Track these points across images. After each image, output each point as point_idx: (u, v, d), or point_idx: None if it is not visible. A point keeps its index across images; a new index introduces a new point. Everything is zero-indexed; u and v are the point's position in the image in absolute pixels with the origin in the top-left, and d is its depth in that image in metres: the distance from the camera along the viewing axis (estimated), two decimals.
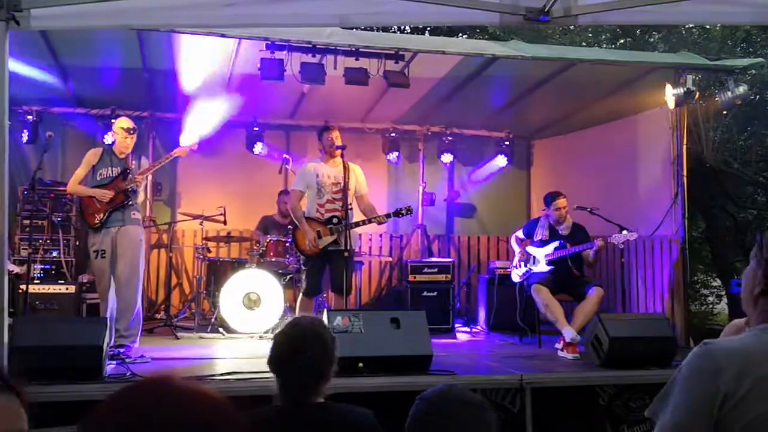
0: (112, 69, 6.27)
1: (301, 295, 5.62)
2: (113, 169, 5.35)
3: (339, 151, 5.49)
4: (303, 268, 5.62)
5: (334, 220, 5.42)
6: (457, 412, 1.63)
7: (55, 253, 6.90)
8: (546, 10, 2.59)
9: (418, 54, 5.75)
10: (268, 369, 2.23)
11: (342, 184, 5.44)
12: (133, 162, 5.41)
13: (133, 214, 5.31)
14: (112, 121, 7.20)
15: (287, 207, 6.73)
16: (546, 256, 5.93)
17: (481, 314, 7.45)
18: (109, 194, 5.21)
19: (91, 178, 5.38)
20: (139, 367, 4.40)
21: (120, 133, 5.38)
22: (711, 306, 13.46)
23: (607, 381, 4.54)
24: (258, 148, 7.73)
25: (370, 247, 8.36)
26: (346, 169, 5.47)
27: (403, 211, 5.58)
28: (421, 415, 1.66)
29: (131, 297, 5.18)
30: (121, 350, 4.91)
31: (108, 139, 6.84)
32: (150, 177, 6.51)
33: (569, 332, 5.37)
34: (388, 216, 5.60)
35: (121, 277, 5.16)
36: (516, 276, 6.19)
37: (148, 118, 7.61)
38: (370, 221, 5.53)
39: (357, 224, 5.49)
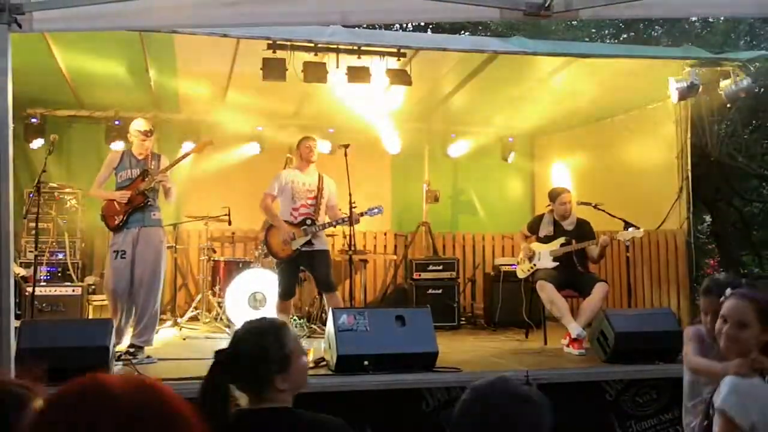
0: (116, 70, 6.27)
1: (277, 298, 5.69)
2: (132, 170, 5.30)
3: (315, 161, 5.73)
4: (276, 270, 5.75)
5: (308, 222, 5.59)
6: (509, 408, 1.55)
7: (60, 256, 6.92)
8: (547, 4, 2.59)
9: (420, 51, 5.76)
10: None
11: (315, 192, 5.68)
12: (153, 163, 5.34)
13: (153, 214, 5.28)
14: (116, 123, 7.30)
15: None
16: (551, 252, 5.92)
17: (487, 311, 7.45)
18: (127, 195, 5.18)
19: (113, 180, 5.36)
20: (145, 368, 4.42)
21: (137, 136, 5.31)
22: None
23: (614, 376, 4.54)
24: (254, 149, 7.81)
25: (375, 245, 8.37)
26: (320, 179, 5.73)
27: (375, 210, 5.75)
28: (470, 406, 1.58)
29: (150, 300, 5.15)
30: (132, 350, 4.92)
31: (115, 147, 6.86)
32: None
33: (575, 328, 5.36)
34: (361, 215, 5.66)
35: (142, 280, 5.12)
36: (521, 272, 6.18)
37: (152, 120, 7.61)
38: (343, 222, 5.65)
39: (330, 224, 5.70)
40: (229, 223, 6.96)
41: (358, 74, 5.68)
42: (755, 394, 2.17)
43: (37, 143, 7.24)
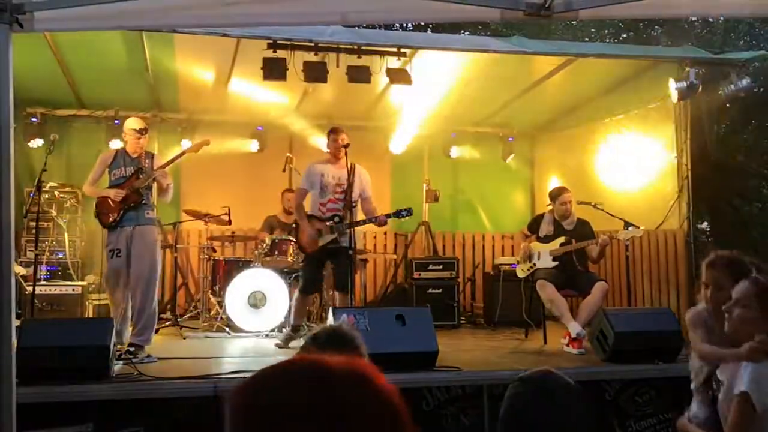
0: (116, 70, 6.28)
1: (297, 292, 5.67)
2: (127, 169, 5.30)
3: (344, 152, 5.52)
4: (302, 264, 5.69)
5: (335, 219, 5.47)
6: (562, 399, 1.58)
7: (61, 255, 6.93)
8: (547, 5, 2.59)
9: (420, 51, 5.76)
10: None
11: (345, 185, 5.50)
12: (147, 161, 5.34)
13: (147, 213, 5.27)
14: (116, 122, 7.30)
15: (291, 204, 6.79)
16: (551, 251, 5.92)
17: (487, 310, 7.45)
18: (122, 193, 5.18)
19: (107, 178, 5.37)
20: (146, 367, 4.42)
21: (131, 134, 5.30)
22: None
23: (613, 376, 4.54)
24: (254, 148, 7.85)
25: (375, 245, 8.37)
26: (351, 170, 5.51)
27: (404, 213, 5.60)
28: (524, 398, 1.60)
29: (148, 297, 5.16)
30: (132, 349, 4.93)
31: (113, 145, 6.86)
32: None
33: (574, 327, 5.36)
34: (388, 216, 5.59)
35: (140, 278, 5.12)
36: (520, 272, 6.19)
37: (152, 119, 7.63)
38: (370, 221, 5.56)
39: (358, 223, 5.53)
40: (229, 223, 6.96)
41: (358, 74, 5.69)
42: None
43: (37, 143, 7.24)
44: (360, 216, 5.62)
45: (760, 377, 2.31)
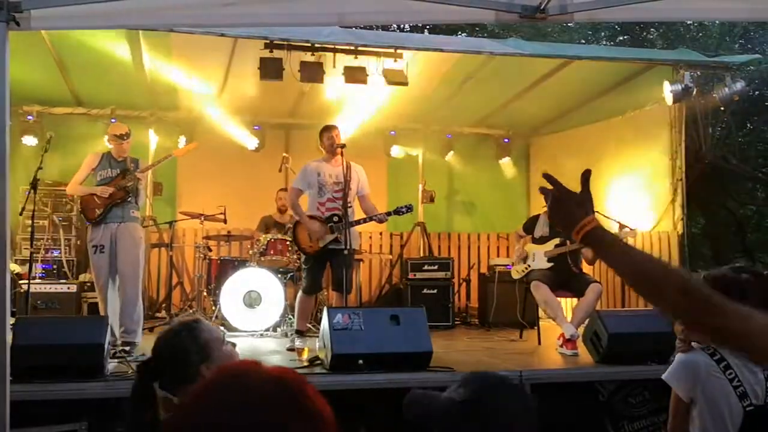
0: (113, 68, 6.28)
1: (300, 292, 5.64)
2: (113, 170, 5.40)
3: (340, 150, 5.47)
4: (303, 266, 5.63)
5: (335, 219, 5.41)
6: (508, 400, 1.59)
7: (56, 253, 6.93)
8: (542, 7, 2.61)
9: (416, 52, 5.78)
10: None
11: (343, 183, 5.44)
12: (132, 164, 5.44)
13: (132, 212, 5.36)
14: (113, 120, 7.30)
15: (285, 203, 6.76)
16: (545, 252, 5.94)
17: (481, 311, 7.47)
18: (109, 190, 5.27)
19: (92, 180, 5.45)
20: None
21: (113, 140, 5.42)
22: None
23: (607, 377, 4.56)
24: (250, 148, 7.83)
25: (371, 245, 8.38)
26: (347, 168, 5.46)
27: (404, 210, 5.54)
28: (475, 398, 1.60)
29: (134, 294, 5.23)
30: (127, 348, 4.95)
31: (107, 145, 6.90)
32: (150, 177, 6.57)
33: (569, 328, 5.38)
34: (388, 214, 5.57)
35: (124, 275, 5.21)
36: (515, 273, 6.20)
37: (149, 118, 7.63)
38: (371, 219, 5.53)
39: (358, 222, 5.48)
40: (225, 222, 6.96)
41: (354, 74, 5.71)
42: (694, 370, 2.33)
43: (33, 141, 7.24)
44: (358, 214, 5.60)
45: (678, 367, 2.38)
